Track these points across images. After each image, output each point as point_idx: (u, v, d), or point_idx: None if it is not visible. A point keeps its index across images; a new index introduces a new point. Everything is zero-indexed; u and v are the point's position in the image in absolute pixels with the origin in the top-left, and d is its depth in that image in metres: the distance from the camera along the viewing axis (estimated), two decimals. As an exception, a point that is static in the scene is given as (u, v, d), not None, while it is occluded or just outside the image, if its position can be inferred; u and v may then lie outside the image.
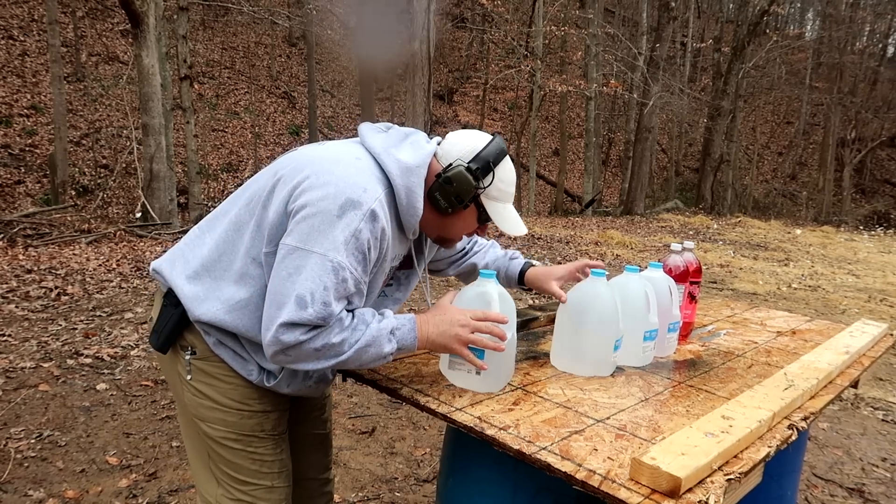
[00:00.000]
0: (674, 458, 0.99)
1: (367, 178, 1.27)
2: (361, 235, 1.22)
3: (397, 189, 1.30)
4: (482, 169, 1.33)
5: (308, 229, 1.21)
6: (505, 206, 1.40)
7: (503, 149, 1.37)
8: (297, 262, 1.20)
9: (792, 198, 24.69)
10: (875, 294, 7.57)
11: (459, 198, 1.33)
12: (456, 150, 1.35)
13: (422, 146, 1.36)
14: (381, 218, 1.25)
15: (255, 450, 1.42)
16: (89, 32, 17.87)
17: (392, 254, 1.36)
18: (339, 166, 1.27)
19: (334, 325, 1.23)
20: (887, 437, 3.57)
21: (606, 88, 17.15)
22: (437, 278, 6.75)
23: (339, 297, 1.22)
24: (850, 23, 23.97)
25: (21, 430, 3.01)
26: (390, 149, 1.33)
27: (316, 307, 1.19)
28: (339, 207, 1.21)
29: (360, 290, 1.27)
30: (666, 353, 1.69)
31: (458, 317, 1.33)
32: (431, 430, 3.29)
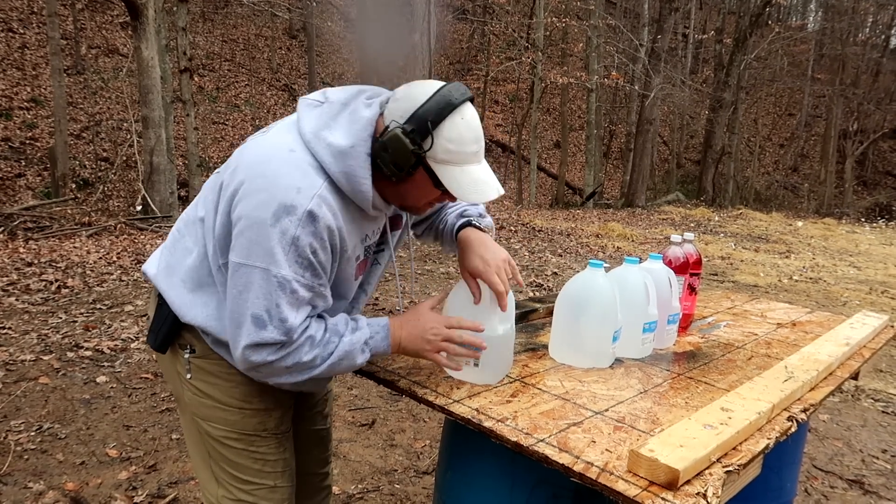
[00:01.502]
0: (672, 450, 0.99)
1: (302, 173, 1.17)
2: (300, 242, 1.15)
3: (335, 177, 1.19)
4: (418, 130, 1.16)
5: (247, 243, 1.16)
6: (462, 168, 1.21)
7: (450, 101, 1.17)
8: (245, 279, 1.16)
9: (793, 190, 24.65)
10: (876, 286, 7.55)
11: (398, 165, 1.19)
12: (396, 109, 1.19)
13: (359, 116, 1.21)
14: (321, 217, 1.16)
15: (258, 449, 1.39)
16: (89, 25, 17.82)
17: (354, 241, 1.28)
18: (270, 166, 1.18)
19: (304, 342, 1.20)
20: (888, 428, 3.57)
21: (608, 80, 17.07)
22: (438, 271, 6.74)
23: (296, 308, 1.18)
24: (853, 14, 23.85)
25: (21, 422, 3.01)
26: (321, 131, 1.20)
27: (274, 324, 1.16)
28: (272, 216, 1.14)
29: (319, 292, 1.22)
30: (665, 345, 1.69)
31: (430, 325, 1.30)
32: (431, 423, 3.30)
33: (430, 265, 7.06)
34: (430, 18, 11.50)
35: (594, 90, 16.71)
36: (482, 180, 1.23)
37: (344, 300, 1.38)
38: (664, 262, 1.72)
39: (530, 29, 17.11)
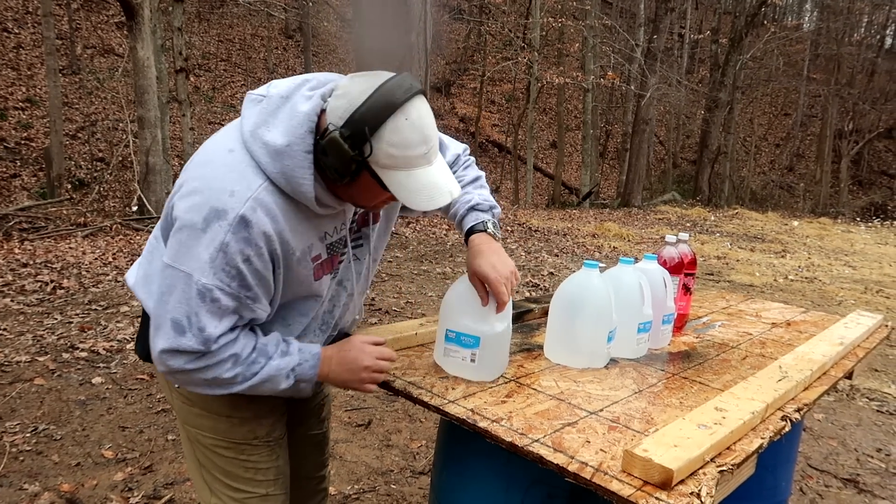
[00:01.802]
0: (666, 449, 0.99)
1: (238, 175, 1.12)
2: (230, 249, 1.10)
3: (273, 178, 1.13)
4: (356, 135, 1.07)
5: (177, 245, 1.12)
6: (408, 173, 1.12)
7: (390, 101, 1.07)
8: (169, 281, 1.13)
9: (789, 189, 24.70)
10: (871, 285, 7.58)
11: (339, 171, 1.12)
12: (337, 108, 1.10)
13: (297, 112, 1.12)
14: (255, 222, 1.11)
15: (248, 457, 1.37)
16: (84, 25, 17.78)
17: (308, 241, 1.22)
18: (208, 168, 1.15)
19: (227, 358, 1.16)
20: (882, 427, 3.58)
21: (604, 80, 17.08)
22: (434, 272, 6.74)
23: (217, 317, 1.13)
24: (848, 14, 23.91)
25: (16, 423, 3.00)
26: (258, 129, 1.14)
27: (193, 332, 1.12)
28: (202, 220, 1.10)
29: (246, 303, 1.16)
30: (660, 345, 1.69)
31: (363, 362, 1.29)
32: (427, 423, 3.30)
33: (426, 265, 7.07)
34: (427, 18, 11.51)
35: (590, 90, 16.73)
36: (432, 184, 1.15)
37: (313, 299, 1.32)
38: (659, 262, 1.72)
39: (526, 29, 17.12)
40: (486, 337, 1.34)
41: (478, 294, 1.37)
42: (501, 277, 1.35)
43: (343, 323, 1.46)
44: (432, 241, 8.57)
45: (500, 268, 1.37)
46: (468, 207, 1.51)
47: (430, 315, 1.95)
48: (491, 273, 1.35)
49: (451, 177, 1.20)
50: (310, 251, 1.23)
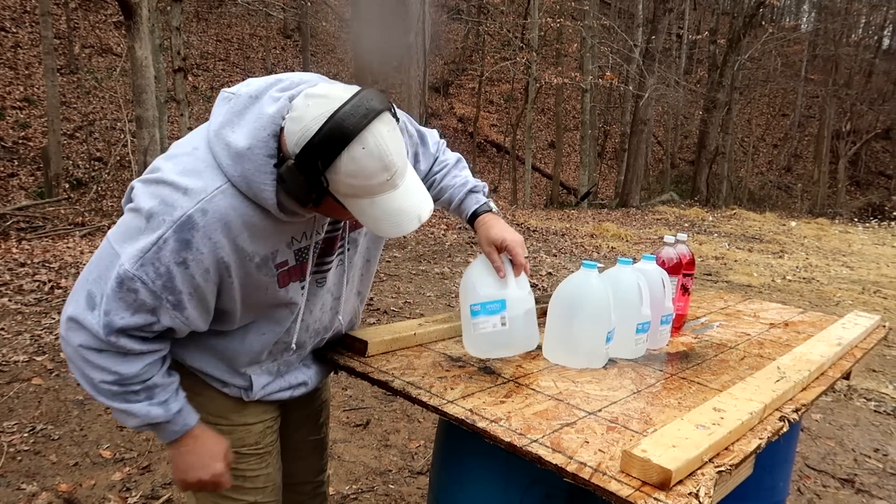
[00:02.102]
0: (665, 450, 0.99)
1: (197, 175, 1.08)
2: (166, 246, 1.05)
3: (234, 181, 1.08)
4: (312, 167, 1.03)
5: (122, 225, 1.10)
6: (372, 200, 1.07)
7: (343, 133, 1.01)
8: (102, 254, 1.10)
9: (787, 190, 24.74)
10: (869, 286, 7.59)
11: (300, 199, 1.08)
12: (293, 132, 1.04)
13: (262, 113, 1.08)
14: (202, 226, 1.06)
15: (237, 465, 1.35)
16: (82, 24, 17.75)
17: (271, 247, 1.17)
18: (170, 162, 1.12)
19: (111, 373, 1.12)
20: (879, 427, 3.59)
21: (602, 80, 17.10)
22: (433, 272, 6.73)
23: (128, 309, 1.08)
24: (846, 15, 23.95)
25: (14, 423, 3.00)
26: (223, 129, 1.10)
27: (99, 313, 1.08)
28: (148, 210, 1.07)
29: (167, 307, 1.10)
30: (658, 346, 1.69)
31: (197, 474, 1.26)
32: (426, 423, 3.30)
33: (424, 265, 7.07)
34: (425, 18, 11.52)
35: (589, 90, 16.75)
36: (397, 210, 1.10)
37: (286, 308, 1.28)
38: (657, 262, 1.72)
39: (525, 29, 17.13)
40: (510, 299, 1.37)
41: (494, 266, 1.40)
42: (518, 239, 1.41)
43: (337, 324, 1.45)
44: (430, 241, 8.57)
45: (511, 238, 1.41)
46: (466, 191, 1.52)
47: (428, 315, 1.96)
48: (508, 236, 1.40)
49: (423, 196, 1.15)
50: (273, 257, 1.18)
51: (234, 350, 1.29)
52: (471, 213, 1.50)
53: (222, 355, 1.30)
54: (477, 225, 1.48)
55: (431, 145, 1.53)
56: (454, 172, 1.55)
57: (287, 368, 1.41)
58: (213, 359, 1.30)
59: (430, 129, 1.56)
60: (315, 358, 1.49)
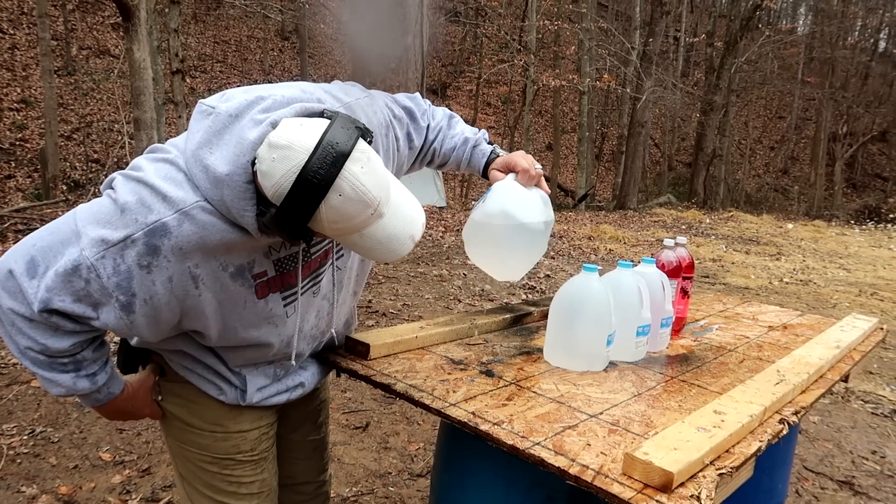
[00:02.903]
0: (666, 452, 1.00)
1: (177, 184, 1.05)
2: (132, 247, 1.01)
3: (213, 202, 1.04)
4: (292, 220, 1.01)
5: (94, 206, 1.06)
6: (360, 234, 1.06)
7: (318, 187, 0.97)
8: (62, 227, 1.06)
9: (784, 192, 24.81)
10: (866, 288, 7.62)
11: (288, 241, 1.10)
12: (267, 188, 1.00)
13: (243, 138, 1.02)
14: (177, 235, 1.03)
15: (232, 472, 1.35)
16: (80, 26, 17.73)
17: (248, 257, 1.14)
18: (153, 164, 1.09)
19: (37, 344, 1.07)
20: (877, 430, 3.60)
21: (599, 83, 17.15)
22: (431, 274, 6.74)
23: (69, 294, 1.03)
24: (842, 18, 24.05)
25: (13, 426, 3.00)
26: (201, 150, 1.04)
27: (36, 284, 1.03)
28: (124, 205, 1.03)
29: (113, 304, 1.05)
30: (658, 348, 1.70)
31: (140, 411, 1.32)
32: (425, 425, 3.30)
33: (422, 267, 7.07)
34: (423, 20, 11.53)
35: (586, 93, 16.78)
36: (388, 237, 1.08)
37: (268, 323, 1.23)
38: (657, 265, 1.73)
39: (522, 31, 17.15)
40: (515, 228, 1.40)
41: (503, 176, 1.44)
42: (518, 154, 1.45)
43: (334, 326, 1.44)
44: (429, 243, 8.57)
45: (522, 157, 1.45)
46: (470, 147, 1.54)
47: (427, 317, 1.97)
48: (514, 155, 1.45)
49: (412, 213, 1.12)
50: (250, 267, 1.15)
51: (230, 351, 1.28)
52: (482, 167, 1.52)
53: (217, 354, 1.29)
54: (491, 172, 1.50)
55: (420, 117, 1.50)
56: (450, 133, 1.55)
57: (285, 373, 1.40)
58: (209, 355, 1.28)
59: (411, 95, 1.54)
60: (312, 359, 1.48)
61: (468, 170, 1.56)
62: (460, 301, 5.80)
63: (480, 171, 1.52)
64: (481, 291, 6.22)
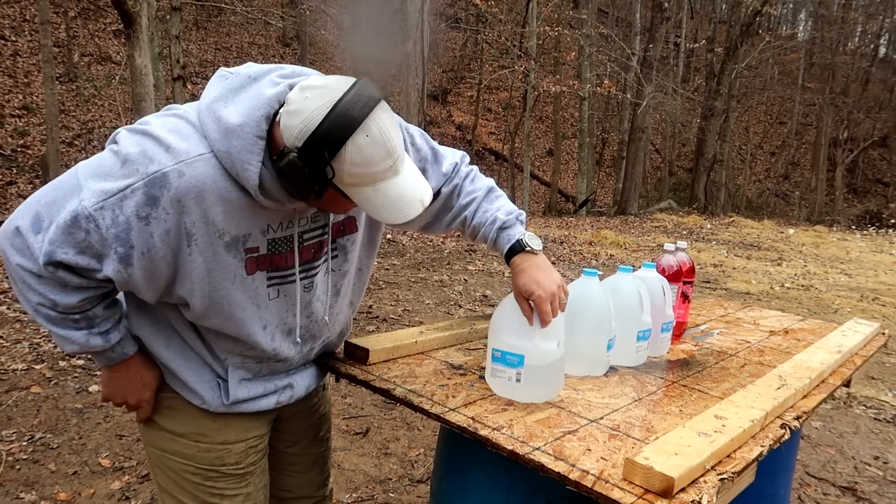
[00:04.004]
0: (667, 457, 0.99)
1: (181, 137, 1.06)
2: (132, 197, 1.02)
3: (219, 155, 1.06)
4: (316, 158, 1.01)
5: (95, 160, 1.07)
6: (375, 188, 1.07)
7: (348, 121, 1.00)
8: (65, 182, 1.07)
9: (785, 197, 24.80)
10: (867, 293, 7.60)
11: (303, 192, 1.07)
12: (292, 126, 1.03)
13: (260, 93, 1.07)
14: (177, 187, 1.03)
15: (215, 484, 1.32)
16: (81, 32, 17.79)
17: (244, 229, 1.13)
18: (160, 119, 1.11)
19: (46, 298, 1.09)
20: (879, 435, 3.59)
21: (600, 89, 17.16)
22: (431, 279, 6.73)
23: (71, 246, 1.04)
24: (842, 23, 24.11)
25: (13, 432, 2.99)
26: (216, 103, 1.07)
27: (41, 238, 1.05)
28: (126, 156, 1.04)
29: (112, 257, 1.05)
30: (659, 353, 1.69)
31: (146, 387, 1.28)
32: (426, 431, 3.29)
33: (423, 273, 7.07)
34: (423, 27, 11.56)
35: (587, 98, 16.79)
36: (400, 196, 1.09)
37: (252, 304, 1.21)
38: (658, 270, 1.73)
39: (523, 38, 17.18)
40: (530, 355, 1.29)
41: (523, 313, 1.32)
42: (545, 293, 1.29)
43: (327, 334, 1.41)
44: (429, 248, 8.57)
45: (545, 283, 1.31)
46: (497, 228, 1.43)
47: (427, 322, 1.95)
48: (535, 290, 1.30)
49: (422, 183, 1.15)
50: (245, 240, 1.14)
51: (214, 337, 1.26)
52: (504, 254, 1.43)
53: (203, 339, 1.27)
54: (511, 267, 1.41)
55: (445, 162, 1.45)
56: (484, 206, 1.46)
57: (270, 371, 1.35)
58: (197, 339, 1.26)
59: (457, 150, 1.50)
60: (304, 364, 1.44)
61: (493, 252, 1.51)
62: (461, 306, 5.80)
63: (504, 256, 1.44)
64: (482, 297, 6.22)
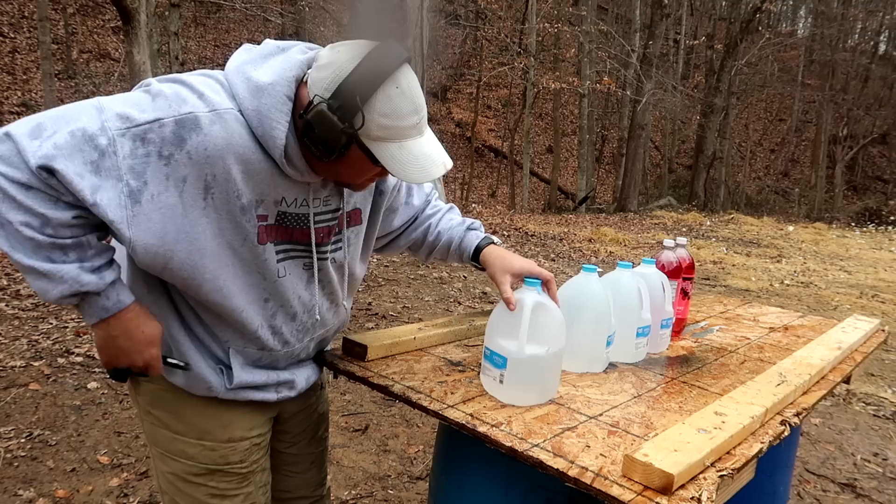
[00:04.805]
0: (666, 454, 0.99)
1: (212, 90, 1.05)
2: (160, 131, 0.98)
3: (246, 113, 1.04)
4: (346, 107, 1.01)
5: (121, 95, 1.03)
6: (401, 144, 1.06)
7: (382, 69, 1.01)
8: (81, 104, 1.01)
9: (784, 195, 24.79)
10: (867, 290, 7.60)
11: (328, 146, 1.04)
12: (320, 80, 1.03)
13: (291, 57, 1.08)
14: (207, 133, 1.00)
15: (217, 484, 1.30)
16: (80, 29, 17.76)
17: (259, 194, 1.10)
18: (191, 76, 1.08)
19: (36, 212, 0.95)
20: (879, 432, 3.59)
21: (600, 86, 17.16)
22: (431, 276, 6.73)
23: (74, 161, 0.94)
24: (842, 20, 24.07)
25: (11, 429, 2.99)
26: (245, 66, 1.08)
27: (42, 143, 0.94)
28: (157, 91, 1.01)
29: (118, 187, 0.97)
30: (659, 350, 1.69)
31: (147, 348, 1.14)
32: (425, 428, 3.29)
33: (423, 270, 7.06)
34: (423, 23, 11.53)
35: (586, 95, 16.79)
36: (424, 155, 1.09)
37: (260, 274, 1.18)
38: (657, 266, 1.72)
39: (523, 34, 17.17)
40: (512, 358, 1.27)
41: (502, 297, 1.33)
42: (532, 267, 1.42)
43: (328, 328, 1.41)
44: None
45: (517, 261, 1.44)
46: (465, 229, 1.55)
47: (426, 319, 1.94)
48: (534, 267, 1.42)
49: (442, 149, 1.14)
50: (258, 206, 1.11)
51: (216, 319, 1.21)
52: (473, 247, 1.51)
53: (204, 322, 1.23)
54: (483, 258, 1.49)
55: (426, 186, 1.56)
56: (449, 216, 1.58)
57: (271, 360, 1.32)
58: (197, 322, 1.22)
59: None
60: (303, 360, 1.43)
61: (457, 253, 1.54)
62: (460, 303, 5.79)
63: (471, 250, 1.51)
64: (482, 294, 6.21)
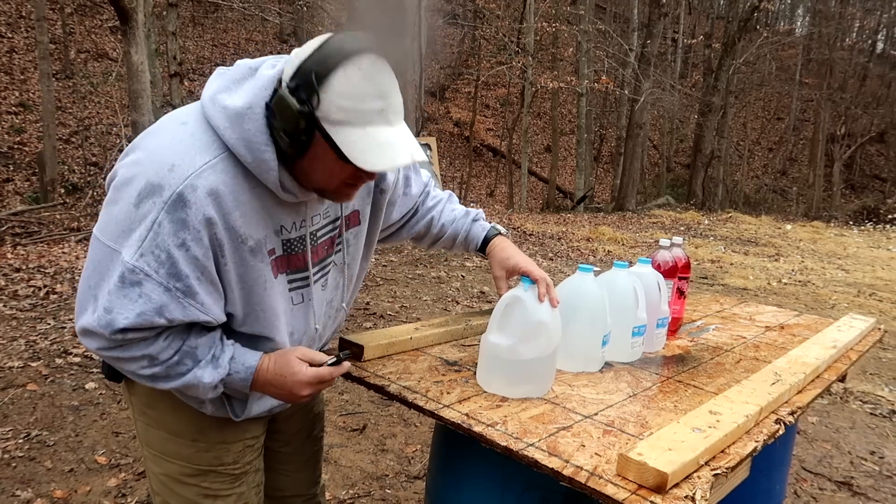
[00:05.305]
0: (661, 453, 0.99)
1: (184, 148, 1.03)
2: (162, 230, 1.00)
3: (234, 147, 1.03)
4: (303, 87, 0.98)
5: (108, 218, 1.04)
6: (364, 130, 1.01)
7: (342, 50, 0.98)
8: (97, 255, 1.05)
9: (782, 193, 24.81)
10: (864, 289, 7.61)
11: (288, 132, 1.01)
12: (287, 71, 1.02)
13: (261, 76, 1.05)
14: (193, 203, 1.00)
15: (210, 485, 1.30)
16: (78, 29, 17.73)
17: (262, 231, 1.11)
18: (155, 138, 1.07)
19: (140, 357, 1.06)
20: (875, 430, 3.59)
21: (598, 85, 17.15)
22: (429, 276, 6.73)
23: (132, 306, 1.01)
24: (840, 19, 24.08)
25: (9, 429, 2.99)
26: (219, 94, 1.06)
27: (99, 313, 1.03)
28: (137, 195, 1.01)
29: (176, 296, 1.03)
30: (655, 349, 1.69)
31: (299, 391, 1.17)
32: (422, 427, 3.29)
33: (421, 269, 7.06)
34: (421, 23, 11.54)
35: (584, 94, 16.79)
36: (389, 143, 1.02)
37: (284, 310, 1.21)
38: (653, 266, 1.73)
39: (521, 34, 17.16)
40: (485, 344, 1.32)
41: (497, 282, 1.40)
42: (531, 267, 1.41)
43: (329, 333, 1.42)
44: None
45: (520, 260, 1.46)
46: (471, 220, 1.56)
47: (424, 319, 1.95)
48: (535, 270, 1.39)
49: (416, 145, 1.08)
50: (263, 244, 1.13)
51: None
52: (481, 239, 1.54)
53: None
54: (489, 251, 1.52)
55: (423, 175, 1.56)
56: (450, 206, 1.58)
57: None
58: None
59: None
60: None
61: (463, 244, 1.57)
62: (458, 303, 5.79)
63: (479, 242, 1.55)
64: (479, 293, 6.22)
